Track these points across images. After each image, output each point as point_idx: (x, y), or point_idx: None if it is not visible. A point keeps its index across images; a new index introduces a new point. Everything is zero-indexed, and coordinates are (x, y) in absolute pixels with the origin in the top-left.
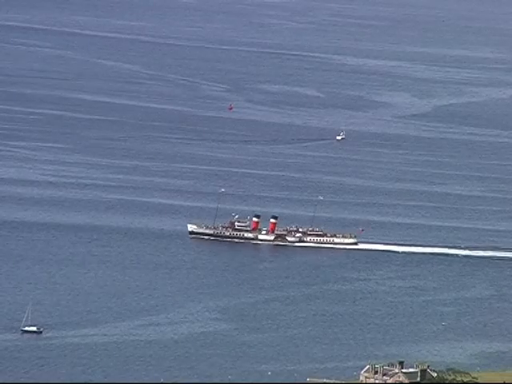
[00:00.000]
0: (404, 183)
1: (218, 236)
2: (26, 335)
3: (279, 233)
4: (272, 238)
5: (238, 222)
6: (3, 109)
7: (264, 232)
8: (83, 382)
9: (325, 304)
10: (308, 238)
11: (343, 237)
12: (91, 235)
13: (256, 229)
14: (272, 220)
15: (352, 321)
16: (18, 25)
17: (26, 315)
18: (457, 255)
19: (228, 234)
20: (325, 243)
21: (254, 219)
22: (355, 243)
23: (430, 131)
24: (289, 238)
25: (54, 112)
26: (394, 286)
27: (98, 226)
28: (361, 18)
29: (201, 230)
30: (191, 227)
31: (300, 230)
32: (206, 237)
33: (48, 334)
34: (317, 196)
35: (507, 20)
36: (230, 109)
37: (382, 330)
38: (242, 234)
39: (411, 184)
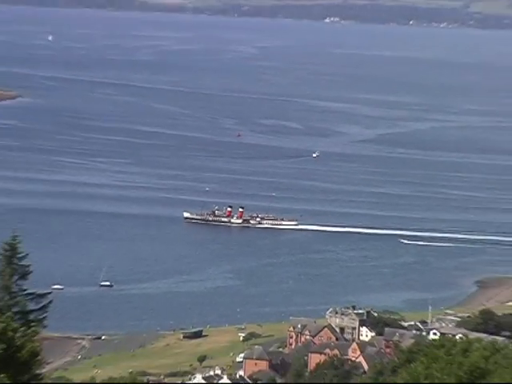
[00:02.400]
0: (353, 186)
1: (204, 220)
2: (101, 288)
3: (245, 218)
4: (240, 221)
5: (217, 210)
6: (87, 136)
7: (235, 218)
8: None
9: (293, 267)
10: (265, 222)
11: (288, 220)
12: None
13: (229, 215)
14: (240, 209)
15: (321, 279)
16: (98, 80)
17: (102, 274)
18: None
19: (210, 219)
20: (276, 224)
21: (228, 209)
22: (296, 225)
23: (374, 151)
24: (251, 222)
25: (122, 138)
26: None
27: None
28: (330, 75)
29: (192, 216)
30: (186, 214)
31: (259, 215)
32: (196, 221)
33: (117, 288)
34: (300, 195)
35: (426, 78)
36: (239, 136)
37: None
38: (220, 219)
39: (358, 186)
